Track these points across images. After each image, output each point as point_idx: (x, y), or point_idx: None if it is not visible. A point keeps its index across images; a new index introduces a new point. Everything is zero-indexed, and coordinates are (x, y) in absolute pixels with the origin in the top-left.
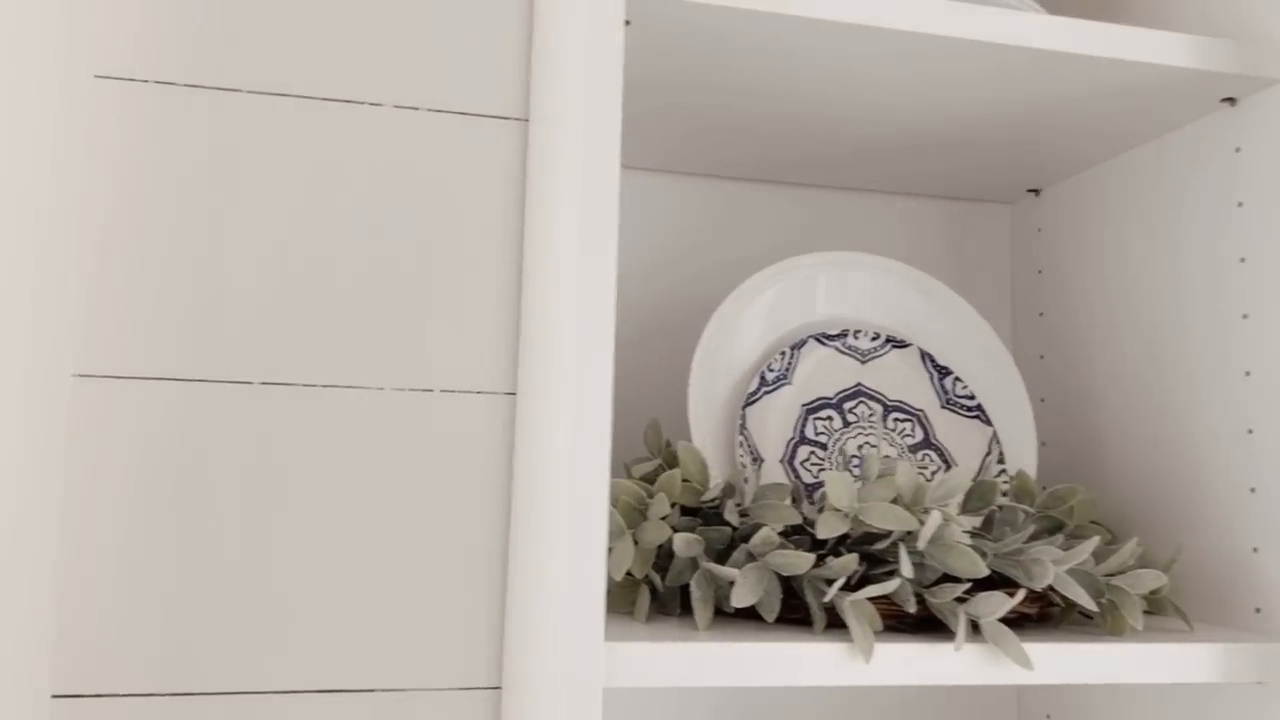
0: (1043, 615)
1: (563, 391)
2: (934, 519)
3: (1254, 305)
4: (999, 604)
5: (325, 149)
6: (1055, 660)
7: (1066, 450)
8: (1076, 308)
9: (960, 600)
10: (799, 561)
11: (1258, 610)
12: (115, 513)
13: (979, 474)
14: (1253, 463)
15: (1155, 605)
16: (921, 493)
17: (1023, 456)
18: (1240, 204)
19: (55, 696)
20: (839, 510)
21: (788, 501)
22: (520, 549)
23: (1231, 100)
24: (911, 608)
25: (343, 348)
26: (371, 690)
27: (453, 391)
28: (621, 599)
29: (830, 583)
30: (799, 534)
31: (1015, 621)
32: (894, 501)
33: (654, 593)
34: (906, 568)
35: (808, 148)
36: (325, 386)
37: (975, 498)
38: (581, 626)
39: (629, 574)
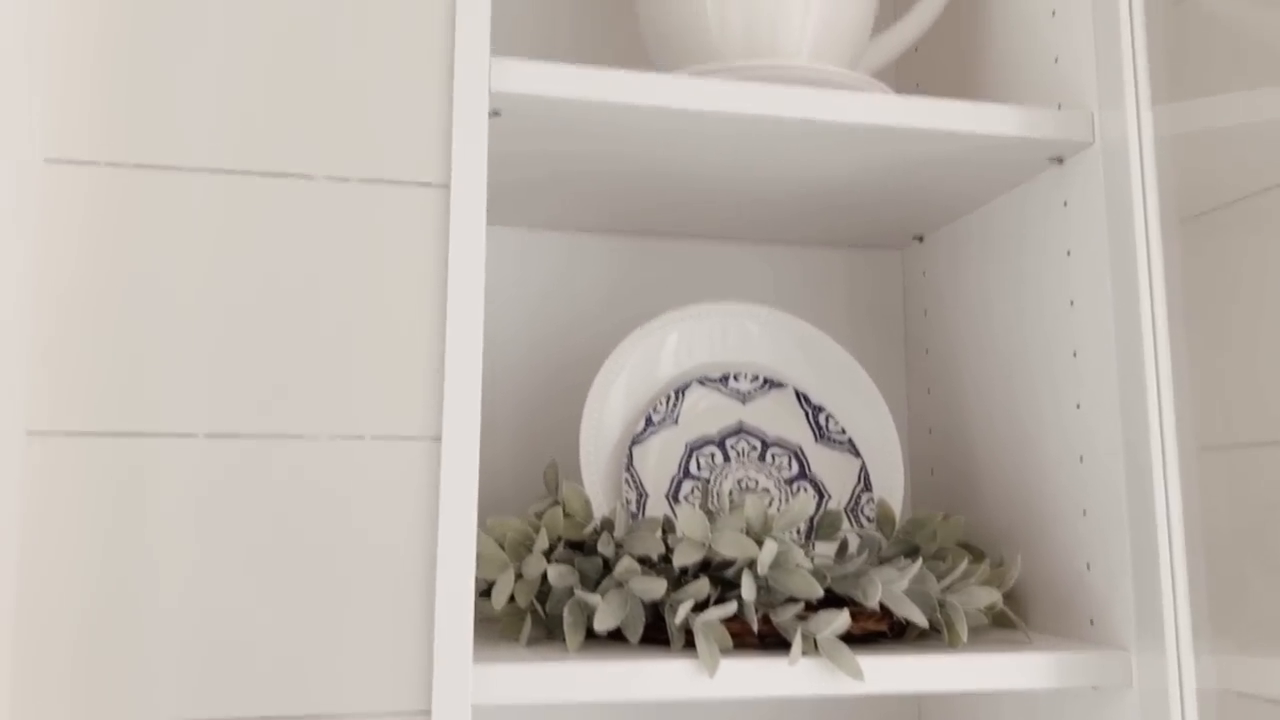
0: (897, 634)
1: (445, 438)
2: (769, 546)
3: (1081, 344)
4: (832, 621)
5: (262, 217)
6: (890, 671)
7: (950, 477)
8: (954, 345)
9: (802, 619)
10: (655, 587)
11: (1091, 622)
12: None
13: (850, 503)
14: (1084, 487)
15: (1001, 619)
16: (769, 522)
17: (892, 485)
18: (1069, 252)
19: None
20: (693, 540)
21: (658, 534)
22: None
23: (1059, 160)
24: (755, 626)
25: (280, 396)
26: (315, 716)
27: (383, 438)
28: (510, 626)
29: (689, 606)
30: (669, 564)
31: (867, 639)
32: (745, 531)
33: (539, 619)
34: (748, 590)
35: (695, 206)
36: (265, 436)
37: (825, 526)
38: (453, 651)
39: (515, 603)
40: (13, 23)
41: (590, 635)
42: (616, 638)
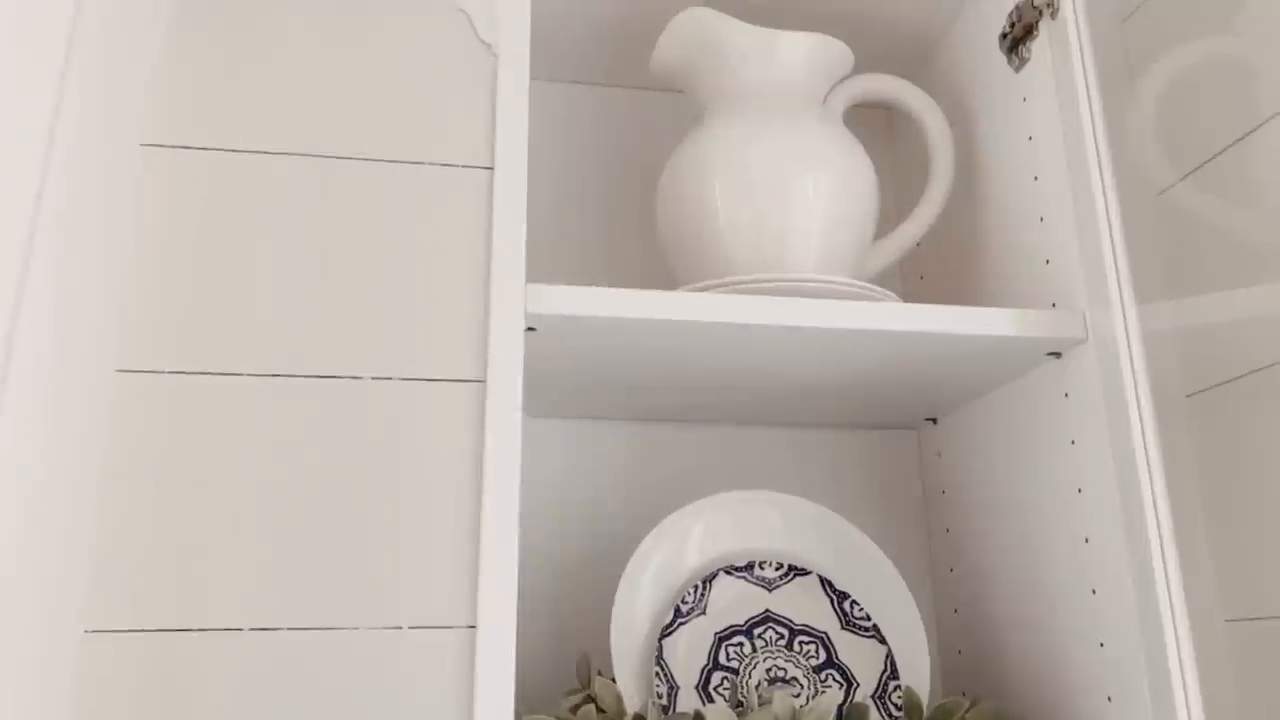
0: None
1: (481, 627)
2: None
3: (1092, 530)
4: None
5: (311, 417)
6: None
7: (978, 656)
8: (973, 524)
9: None
10: None
11: None
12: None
13: (877, 690)
14: (1106, 673)
15: None
16: (797, 717)
17: (918, 670)
18: (1073, 441)
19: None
20: None
21: None
22: None
23: (1057, 354)
24: None
25: (321, 589)
26: None
27: (421, 628)
28: None
29: None
30: None
31: None
32: None
33: None
34: None
35: (715, 397)
36: (307, 629)
37: (853, 718)
38: None
39: None
40: (97, 250)
41: None
42: None
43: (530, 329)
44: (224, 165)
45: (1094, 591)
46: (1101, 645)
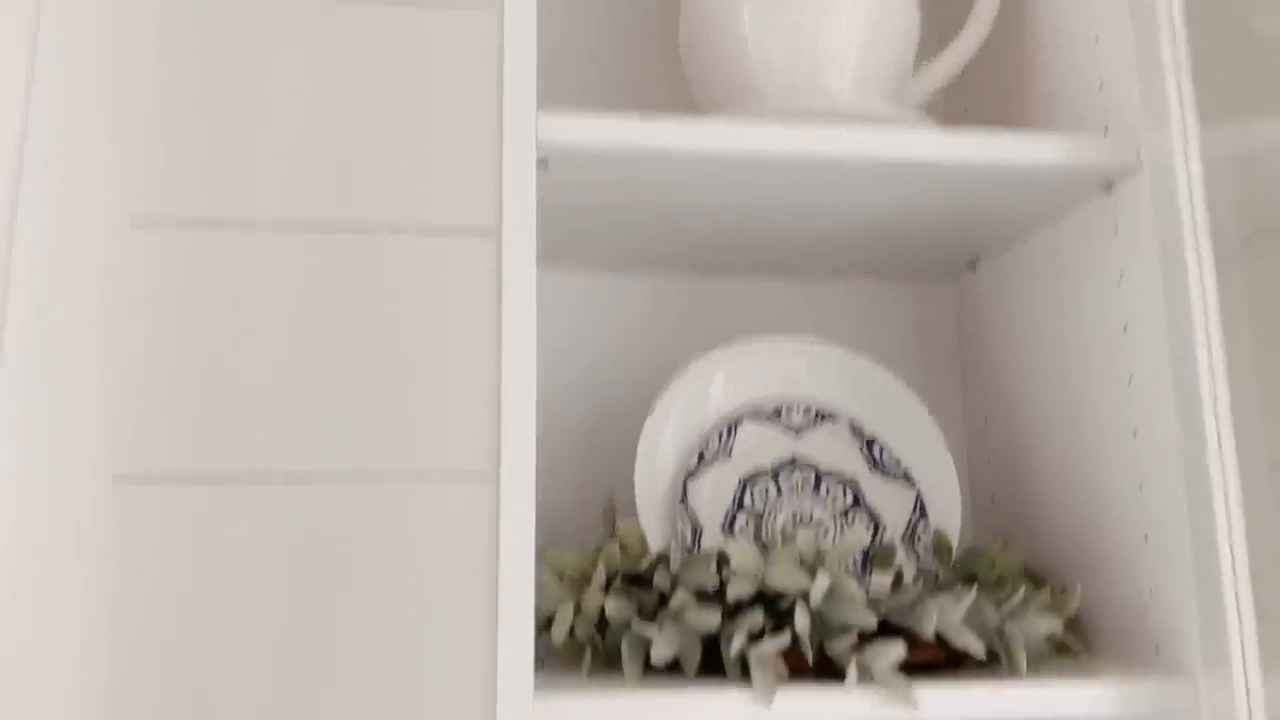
0: (955, 664)
1: (503, 475)
2: (821, 579)
3: (1136, 370)
4: (887, 651)
5: (330, 268)
6: (947, 700)
7: (1011, 504)
8: (1010, 373)
9: (857, 649)
10: (709, 619)
11: (1156, 649)
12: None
13: (906, 532)
14: (1145, 513)
15: (1063, 648)
16: (822, 555)
17: (949, 514)
18: (1121, 278)
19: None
20: (747, 573)
21: (713, 567)
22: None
23: (1108, 186)
24: (810, 658)
25: (349, 438)
26: None
27: (446, 477)
28: (571, 658)
29: (747, 638)
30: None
31: (925, 668)
32: (798, 564)
33: (599, 651)
34: (801, 622)
35: (742, 243)
36: (337, 477)
37: (880, 557)
38: (515, 683)
39: (576, 636)
40: (98, 87)
41: (649, 667)
42: (674, 669)
43: (543, 162)
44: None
45: (1135, 433)
46: (1141, 487)
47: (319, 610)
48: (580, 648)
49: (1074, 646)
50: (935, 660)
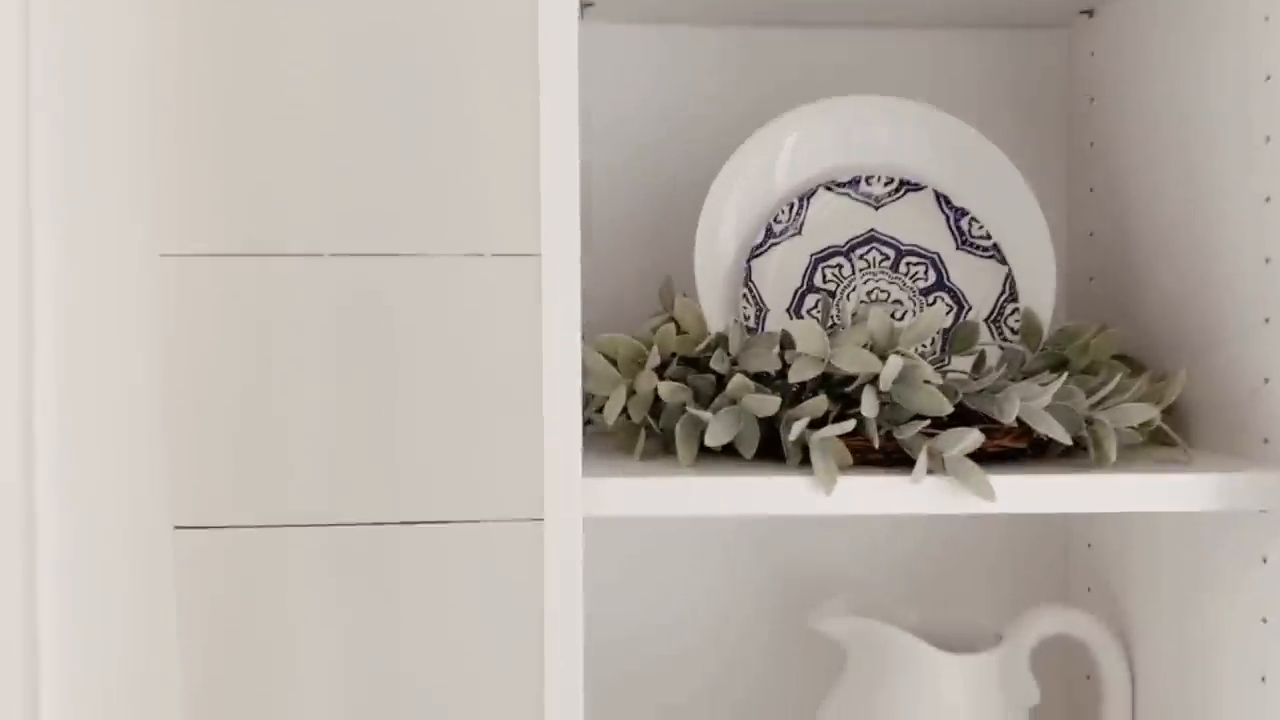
0: (1038, 451)
1: (544, 252)
2: (893, 361)
3: (1275, 125)
4: (962, 439)
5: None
6: (1025, 491)
7: (1111, 285)
8: (1124, 135)
9: (929, 436)
10: (768, 404)
11: (1266, 441)
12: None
13: (992, 314)
14: (1269, 292)
15: (1159, 437)
16: (895, 336)
17: (1041, 294)
18: (1266, 18)
19: (177, 528)
20: (811, 356)
21: (775, 350)
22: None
23: None
24: (877, 442)
25: (388, 218)
26: (445, 522)
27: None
28: (625, 442)
29: (809, 424)
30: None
31: (1004, 456)
32: (867, 346)
33: (654, 435)
34: (869, 407)
35: None
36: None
37: (961, 339)
38: (562, 462)
39: (629, 419)
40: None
41: (705, 451)
42: (731, 455)
43: None
44: None
45: (1268, 199)
46: (1267, 261)
47: (374, 376)
48: (635, 432)
49: (1172, 437)
50: (1016, 449)
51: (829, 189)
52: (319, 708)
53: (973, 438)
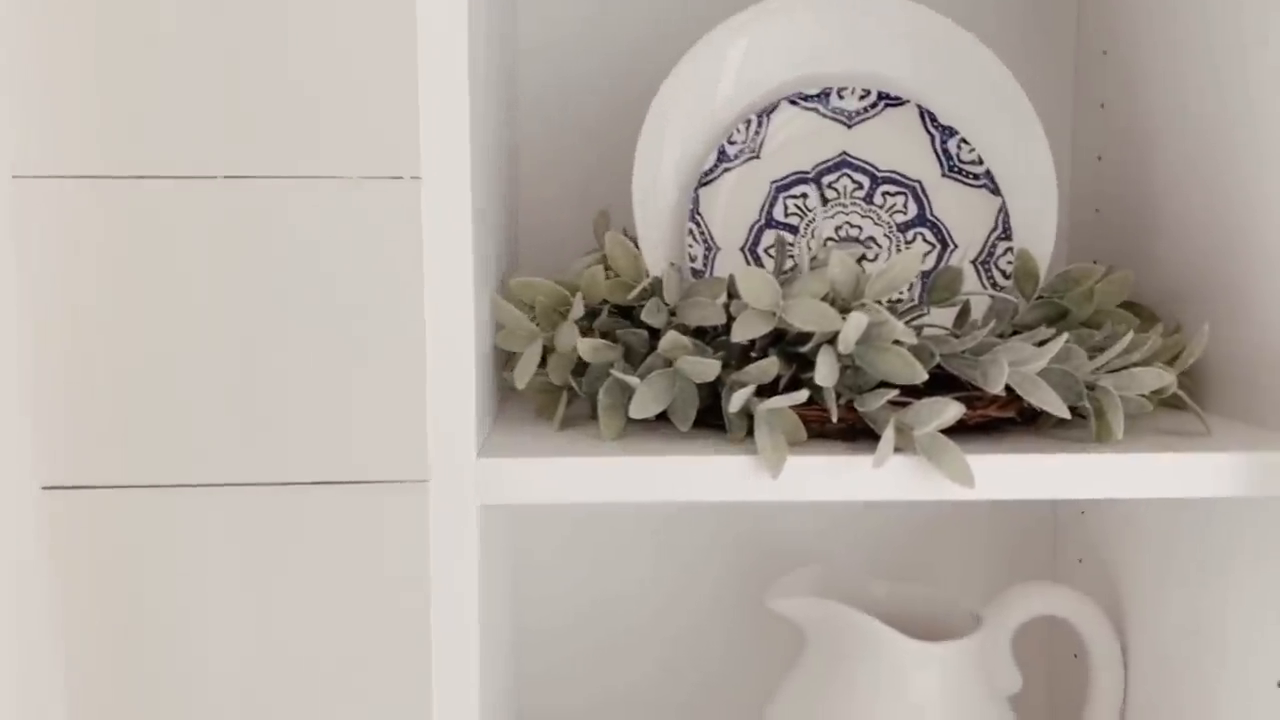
0: (1030, 419)
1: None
2: (854, 319)
3: None
4: (938, 413)
5: None
6: (1010, 474)
7: (1122, 217)
8: (1143, 41)
9: (899, 406)
10: (707, 368)
11: None
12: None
13: (982, 254)
14: None
15: (1174, 402)
16: (861, 285)
17: (1041, 232)
18: None
19: (45, 488)
20: (758, 310)
21: (721, 300)
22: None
23: None
24: (834, 415)
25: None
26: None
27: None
28: (547, 407)
29: (756, 391)
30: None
31: (988, 427)
32: (828, 298)
33: (580, 398)
34: (825, 373)
35: None
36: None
37: (940, 287)
38: (449, 440)
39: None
40: None
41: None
42: (670, 424)
43: None
44: None
45: None
46: None
47: (254, 316)
48: (556, 396)
49: (1186, 403)
50: (1003, 420)
51: (793, 103)
52: (201, 671)
53: (950, 412)
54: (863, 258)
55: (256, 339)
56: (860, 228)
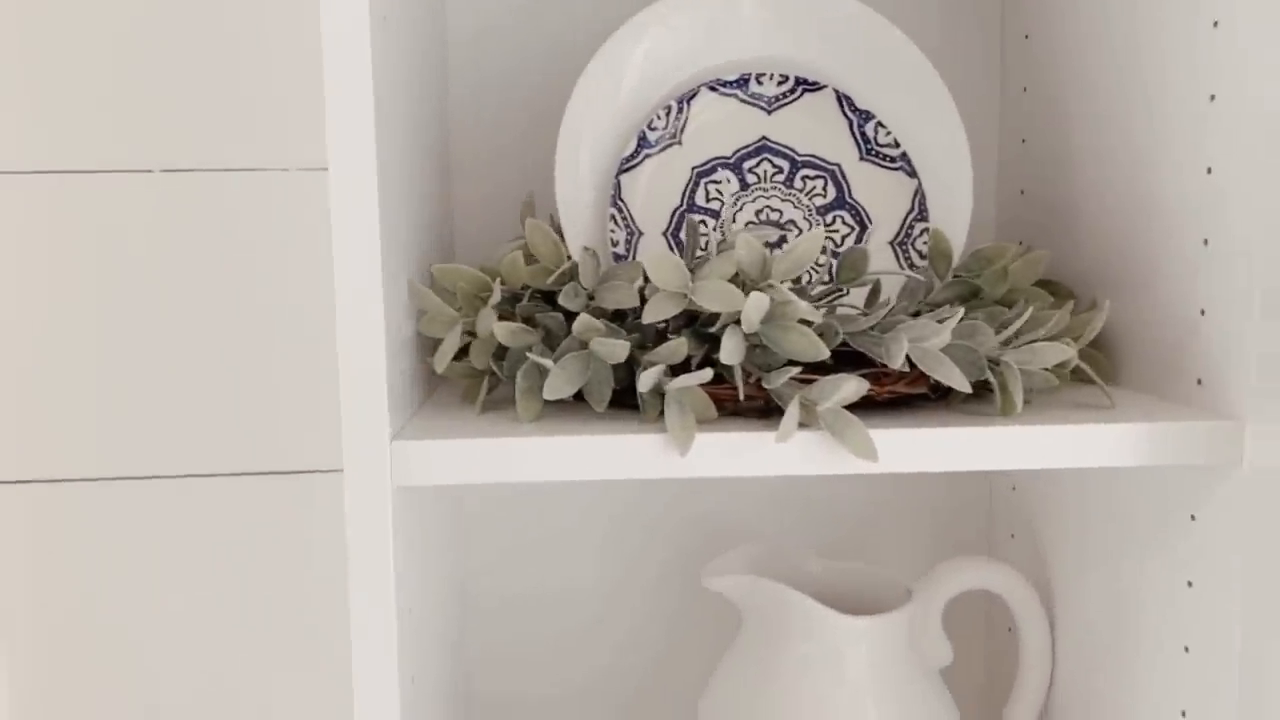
0: (943, 394)
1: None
2: (755, 299)
3: (1224, 10)
4: (838, 388)
5: None
6: (914, 447)
7: (1045, 199)
8: (1064, 24)
9: (805, 383)
10: (616, 349)
11: (1199, 383)
12: None
13: (898, 234)
14: (1208, 208)
15: (1082, 376)
16: (767, 267)
17: (956, 212)
18: None
19: None
20: (669, 292)
21: (637, 284)
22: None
23: None
24: (741, 394)
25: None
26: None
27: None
28: (472, 392)
29: (668, 370)
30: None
31: (902, 402)
32: (737, 280)
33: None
34: (730, 351)
35: None
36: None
37: (846, 267)
38: (362, 424)
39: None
40: None
41: (561, 402)
42: (584, 403)
43: None
44: None
45: (1213, 97)
46: (1209, 172)
47: (152, 308)
48: (479, 380)
49: (1093, 378)
50: (915, 395)
51: (713, 89)
52: (108, 669)
53: (851, 386)
54: (782, 240)
55: (172, 331)
56: (780, 211)
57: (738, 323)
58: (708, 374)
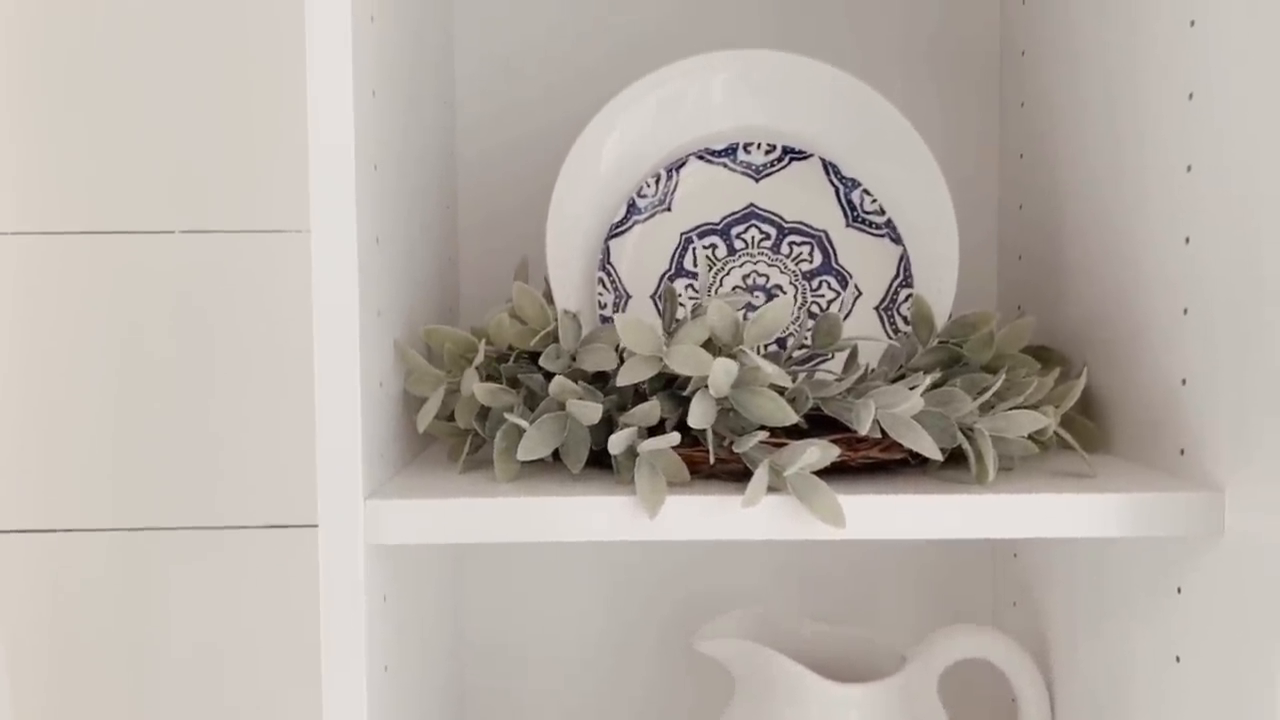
0: (921, 461)
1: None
2: (720, 364)
3: (1201, 82)
4: (803, 454)
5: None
6: (881, 514)
7: (1040, 265)
8: (1057, 94)
9: (774, 447)
10: (590, 411)
11: (1182, 452)
12: None
13: (884, 300)
14: (1188, 277)
15: (1064, 444)
16: (739, 332)
17: (941, 280)
18: None
19: None
20: (643, 356)
21: (615, 348)
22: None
23: None
24: (711, 457)
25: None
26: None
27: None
28: (457, 451)
29: (642, 432)
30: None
31: (877, 469)
32: (710, 345)
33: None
34: (699, 415)
35: None
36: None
37: (821, 334)
38: (337, 482)
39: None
40: None
41: (540, 462)
42: (562, 465)
43: None
44: None
45: (1189, 169)
46: (1188, 240)
47: (152, 365)
48: (463, 439)
49: (1074, 446)
50: (891, 461)
51: (701, 158)
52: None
53: (813, 452)
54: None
55: (156, 387)
56: (767, 276)
57: (707, 387)
58: (676, 437)
